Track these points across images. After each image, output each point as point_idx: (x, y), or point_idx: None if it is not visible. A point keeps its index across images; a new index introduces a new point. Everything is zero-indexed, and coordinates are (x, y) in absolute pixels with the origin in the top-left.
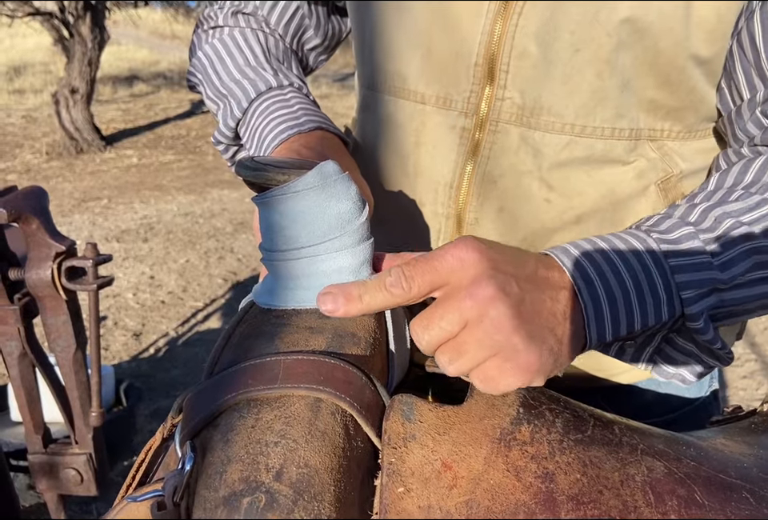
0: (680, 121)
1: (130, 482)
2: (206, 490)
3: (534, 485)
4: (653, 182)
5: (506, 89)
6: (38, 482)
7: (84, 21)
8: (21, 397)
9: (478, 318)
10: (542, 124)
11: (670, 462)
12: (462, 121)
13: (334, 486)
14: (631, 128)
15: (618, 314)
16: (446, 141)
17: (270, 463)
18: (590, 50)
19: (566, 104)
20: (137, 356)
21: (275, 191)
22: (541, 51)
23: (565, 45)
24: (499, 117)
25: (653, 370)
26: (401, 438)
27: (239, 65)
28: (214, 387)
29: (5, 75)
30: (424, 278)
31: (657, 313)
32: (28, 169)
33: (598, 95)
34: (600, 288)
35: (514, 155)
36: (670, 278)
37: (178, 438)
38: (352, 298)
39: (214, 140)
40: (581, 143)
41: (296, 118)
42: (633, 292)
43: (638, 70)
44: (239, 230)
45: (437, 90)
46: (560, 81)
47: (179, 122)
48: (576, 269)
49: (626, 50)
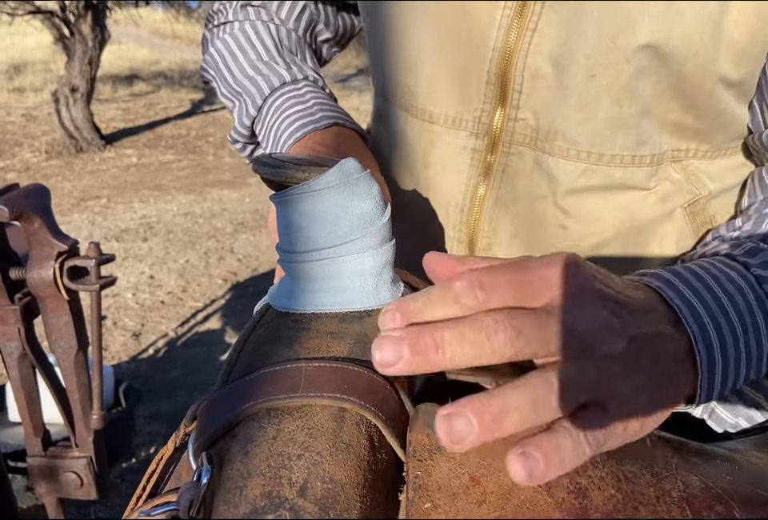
0: (707, 141)
1: (140, 494)
2: (224, 506)
3: (566, 501)
4: (679, 205)
5: (519, 109)
6: (37, 485)
7: (85, 19)
8: (20, 398)
9: (588, 351)
10: (556, 150)
11: (706, 477)
12: (473, 141)
13: (360, 503)
14: (653, 154)
15: (728, 375)
16: (456, 162)
17: (293, 478)
18: (607, 76)
19: (580, 131)
20: (136, 356)
21: (294, 189)
22: (556, 73)
23: (580, 69)
24: (512, 138)
25: (709, 418)
26: (426, 450)
27: (251, 60)
28: (230, 395)
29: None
30: (506, 291)
31: (758, 368)
32: (27, 167)
33: (616, 123)
34: (713, 333)
35: (528, 179)
36: None
37: (192, 447)
38: (411, 311)
39: (231, 139)
40: (598, 171)
41: (311, 114)
42: (741, 339)
43: (660, 95)
44: (239, 231)
45: (446, 109)
46: (575, 107)
47: (179, 122)
48: (687, 308)
49: (647, 76)
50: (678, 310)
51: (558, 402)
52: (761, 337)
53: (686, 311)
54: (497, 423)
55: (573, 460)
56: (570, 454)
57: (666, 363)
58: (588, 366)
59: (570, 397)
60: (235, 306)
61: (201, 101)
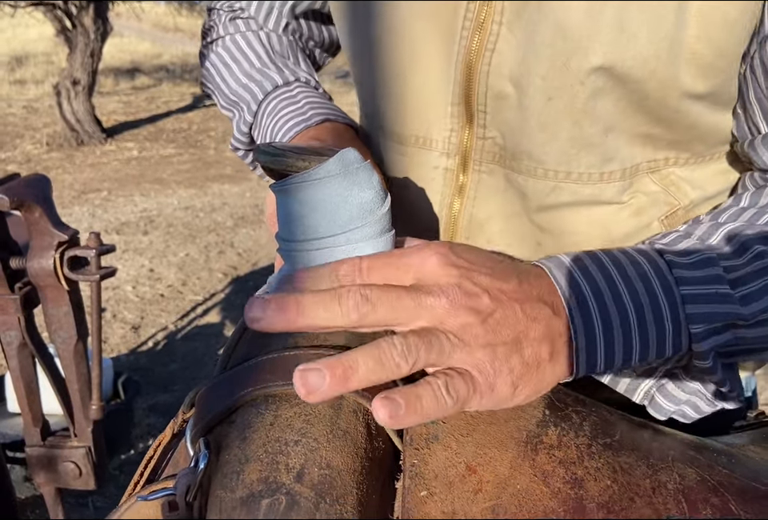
0: (686, 150)
1: (138, 479)
2: (222, 491)
3: (562, 491)
4: (655, 218)
5: (486, 128)
6: (36, 475)
7: (87, 12)
8: (20, 388)
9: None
10: (523, 168)
11: (702, 470)
12: (445, 161)
13: (356, 489)
14: (623, 168)
15: (614, 343)
16: (429, 182)
17: (290, 463)
18: (564, 99)
19: (545, 151)
20: (135, 349)
21: (295, 178)
22: (517, 94)
23: (538, 91)
24: (482, 157)
25: (649, 406)
26: (423, 439)
27: (245, 69)
28: (229, 382)
29: (6, 65)
30: (381, 272)
31: (660, 346)
32: (28, 159)
33: (579, 143)
34: (595, 310)
35: (501, 196)
36: (679, 308)
37: (190, 434)
38: (287, 307)
39: (232, 146)
40: (566, 189)
41: (303, 113)
42: (633, 319)
43: (623, 112)
44: (240, 225)
45: (414, 130)
46: (537, 128)
47: (181, 116)
48: (569, 285)
49: (604, 96)
50: (558, 286)
51: (400, 358)
52: (662, 319)
53: (565, 288)
54: (346, 375)
55: (434, 409)
56: (430, 403)
57: (535, 332)
58: (434, 334)
59: (411, 354)
60: (235, 300)
61: (202, 95)
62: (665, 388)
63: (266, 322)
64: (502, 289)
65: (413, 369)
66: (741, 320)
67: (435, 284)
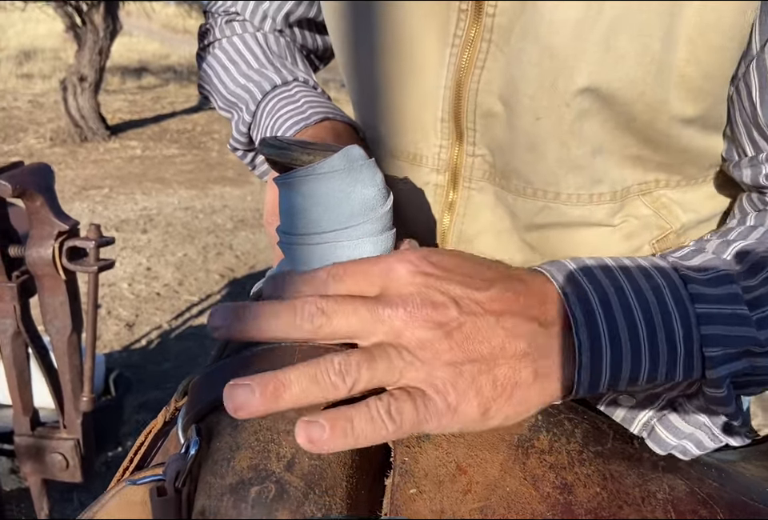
0: (677, 173)
1: (127, 466)
2: (211, 477)
3: (551, 495)
4: (646, 241)
5: (476, 146)
6: (23, 465)
7: (97, 9)
8: (12, 377)
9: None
10: (512, 187)
11: (692, 482)
12: (435, 177)
13: (345, 482)
14: (614, 191)
15: (621, 362)
16: (419, 197)
17: (281, 452)
18: (551, 119)
19: (534, 171)
20: (128, 346)
21: (299, 172)
22: (506, 112)
23: (526, 111)
24: (472, 174)
25: (648, 438)
26: (414, 438)
27: (242, 70)
28: (223, 371)
29: (14, 59)
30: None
31: (670, 368)
32: (31, 153)
33: (566, 164)
34: (603, 324)
35: (491, 213)
36: (693, 328)
37: (182, 421)
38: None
39: (230, 147)
40: (555, 209)
41: (301, 112)
42: (644, 336)
43: (610, 134)
44: (239, 228)
45: (405, 145)
46: (525, 148)
47: (185, 117)
48: (575, 294)
49: (591, 117)
50: (567, 301)
51: (336, 377)
52: (674, 339)
53: (571, 297)
54: (277, 393)
55: (370, 432)
56: (364, 426)
57: (514, 349)
58: (384, 350)
59: (350, 374)
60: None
61: None
62: (667, 419)
63: (224, 331)
64: (477, 299)
65: (353, 390)
66: (757, 346)
67: (397, 294)
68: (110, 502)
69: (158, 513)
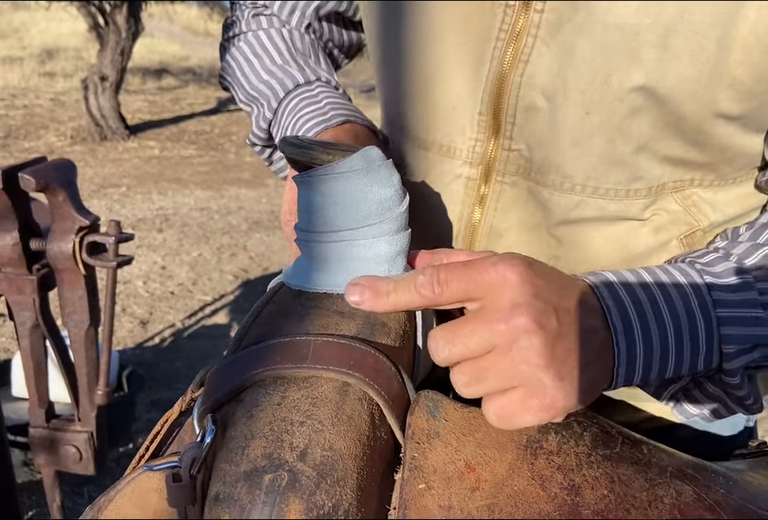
0: (713, 171)
1: (143, 453)
2: (226, 464)
3: (559, 496)
4: (674, 236)
5: (512, 140)
6: (37, 456)
7: (120, 10)
8: (29, 369)
9: (507, 346)
10: (549, 182)
11: (699, 488)
12: (467, 170)
13: (356, 474)
14: (649, 187)
15: (652, 361)
16: (451, 190)
17: (294, 442)
18: (601, 114)
19: (575, 166)
20: (141, 344)
21: (318, 171)
22: (550, 108)
23: (575, 105)
24: (506, 168)
25: (674, 408)
26: (425, 434)
27: (266, 65)
28: (240, 362)
29: (37, 57)
30: (459, 285)
31: (692, 363)
32: (51, 151)
33: (609, 160)
34: (638, 331)
35: (522, 208)
36: (714, 329)
37: (198, 411)
38: (380, 293)
39: (249, 142)
40: (592, 204)
41: (323, 113)
42: (672, 339)
43: (659, 133)
44: (254, 229)
45: (439, 138)
46: (569, 143)
47: (204, 119)
48: (616, 307)
49: (642, 115)
50: (606, 309)
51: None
52: (698, 340)
53: (612, 308)
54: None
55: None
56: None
57: (585, 351)
58: (500, 357)
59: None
60: (243, 303)
61: (227, 99)
62: (691, 394)
63: (368, 305)
64: (568, 308)
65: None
66: None
67: (511, 304)
68: (126, 487)
69: (173, 498)
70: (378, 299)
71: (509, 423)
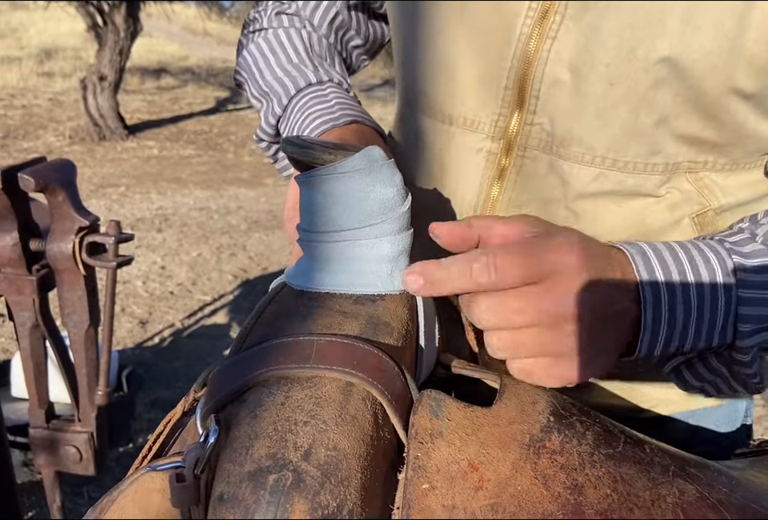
0: (726, 155)
1: (145, 454)
2: (230, 464)
3: (562, 495)
4: (686, 214)
5: (535, 114)
6: (37, 457)
7: (119, 10)
8: (28, 369)
9: (551, 324)
10: (570, 155)
11: (702, 487)
12: (489, 144)
13: (360, 474)
14: (666, 163)
15: (673, 335)
16: (471, 163)
17: (298, 442)
18: (626, 85)
19: (597, 137)
20: (141, 344)
21: (320, 170)
22: (574, 81)
23: (600, 77)
24: (527, 143)
25: (675, 378)
26: (428, 434)
27: (281, 62)
28: (243, 362)
29: (35, 57)
30: (518, 271)
31: (708, 338)
32: (50, 151)
33: (631, 131)
34: (665, 307)
35: (541, 182)
36: (733, 308)
37: (200, 411)
38: (435, 281)
39: (256, 137)
40: (611, 177)
41: (332, 112)
42: (694, 317)
43: (679, 107)
44: (253, 229)
45: (464, 111)
46: (592, 114)
47: (203, 118)
48: (649, 281)
49: (666, 87)
50: (640, 282)
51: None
52: (716, 318)
53: (644, 277)
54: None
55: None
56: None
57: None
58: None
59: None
60: (243, 303)
61: (226, 99)
62: (694, 367)
63: (423, 292)
64: (609, 285)
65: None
66: None
67: (566, 290)
68: (129, 488)
69: (176, 498)
70: (434, 287)
71: (527, 379)
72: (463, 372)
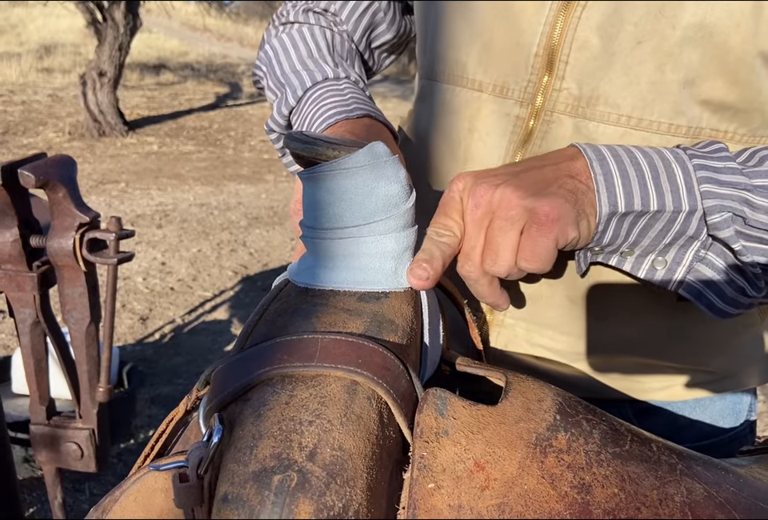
0: (746, 124)
1: (148, 452)
2: (234, 464)
3: (569, 495)
4: None
5: (563, 80)
6: (38, 453)
7: (118, 6)
8: (29, 365)
9: (488, 213)
10: (597, 114)
11: (710, 486)
12: (517, 109)
13: (366, 473)
14: (689, 126)
15: (631, 187)
16: (499, 128)
17: (303, 442)
18: (653, 41)
19: (623, 95)
20: (142, 340)
21: (323, 166)
22: (602, 43)
23: (628, 36)
24: (554, 107)
25: (682, 289)
26: (433, 433)
27: (302, 56)
28: (246, 360)
29: (35, 53)
30: (443, 222)
31: (675, 198)
32: (50, 147)
33: (657, 88)
34: (612, 163)
35: (566, 144)
36: (691, 173)
37: (203, 410)
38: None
39: (267, 128)
40: (636, 136)
41: (346, 105)
42: (647, 172)
43: (706, 68)
44: (253, 225)
45: (494, 79)
46: (620, 71)
47: (203, 114)
48: (591, 148)
49: (692, 46)
50: (582, 150)
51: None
52: (674, 176)
53: (589, 151)
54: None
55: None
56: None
57: (556, 182)
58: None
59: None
60: (243, 299)
61: (225, 95)
62: (695, 270)
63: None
64: (534, 163)
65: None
66: (746, 191)
67: (468, 196)
68: (132, 487)
69: (180, 499)
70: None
71: (539, 256)
72: (468, 370)
